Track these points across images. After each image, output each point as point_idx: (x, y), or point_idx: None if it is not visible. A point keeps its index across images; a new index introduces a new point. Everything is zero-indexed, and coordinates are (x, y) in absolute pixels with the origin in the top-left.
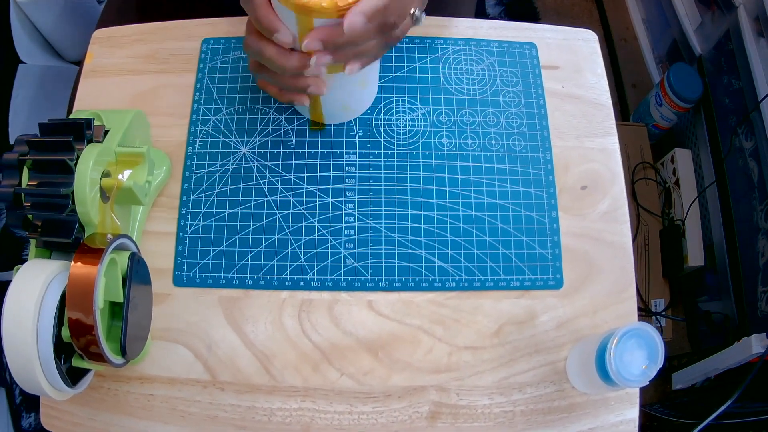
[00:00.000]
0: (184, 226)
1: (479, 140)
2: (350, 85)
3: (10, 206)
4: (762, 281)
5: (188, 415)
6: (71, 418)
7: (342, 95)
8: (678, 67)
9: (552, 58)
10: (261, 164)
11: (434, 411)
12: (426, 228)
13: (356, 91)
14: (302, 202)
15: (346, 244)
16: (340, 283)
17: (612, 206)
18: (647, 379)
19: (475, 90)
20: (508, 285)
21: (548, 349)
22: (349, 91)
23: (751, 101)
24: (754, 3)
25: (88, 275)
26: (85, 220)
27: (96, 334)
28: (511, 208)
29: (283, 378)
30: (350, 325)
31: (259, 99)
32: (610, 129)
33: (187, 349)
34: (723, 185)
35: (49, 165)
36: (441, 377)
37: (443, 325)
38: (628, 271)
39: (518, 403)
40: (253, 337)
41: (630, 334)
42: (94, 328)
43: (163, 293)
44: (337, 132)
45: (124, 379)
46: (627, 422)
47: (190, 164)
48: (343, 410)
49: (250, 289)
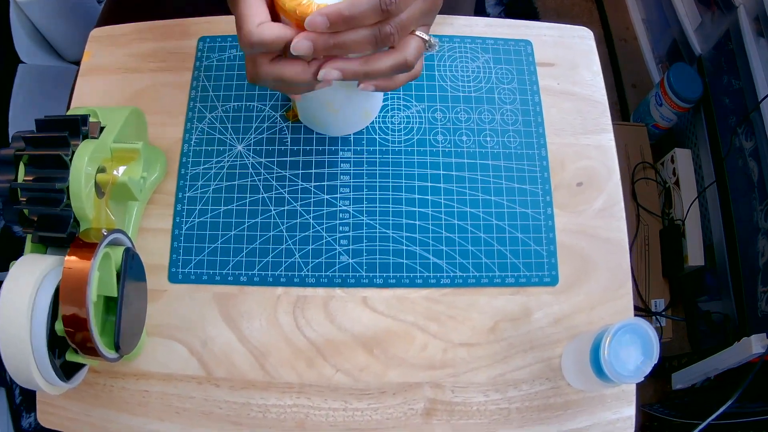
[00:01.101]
0: (179, 223)
1: (474, 137)
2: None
3: (7, 201)
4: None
5: (183, 411)
6: (67, 414)
7: (364, 102)
8: (678, 67)
9: (548, 56)
10: (256, 161)
11: (429, 408)
12: (420, 224)
13: (377, 95)
14: (297, 198)
15: (341, 240)
16: (335, 279)
17: (608, 203)
18: (642, 374)
19: (470, 87)
20: (503, 282)
21: (543, 346)
22: (369, 96)
23: (751, 101)
24: (754, 3)
25: (82, 269)
26: (80, 215)
27: (89, 328)
28: (506, 204)
29: (278, 374)
30: (345, 322)
31: (254, 96)
32: (606, 126)
33: (182, 345)
34: (723, 185)
35: (45, 160)
36: (436, 374)
37: (438, 321)
38: (624, 267)
39: (513, 400)
40: (248, 334)
41: (624, 330)
42: (88, 322)
43: (158, 290)
44: None
45: (119, 375)
46: (624, 419)
47: (185, 161)
48: (338, 407)
49: (245, 285)
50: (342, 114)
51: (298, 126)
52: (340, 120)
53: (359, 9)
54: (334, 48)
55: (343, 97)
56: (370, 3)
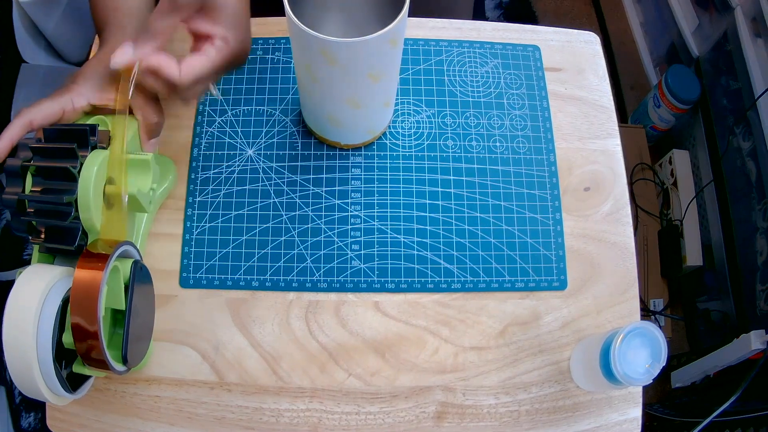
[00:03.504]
0: (190, 228)
1: (484, 142)
2: (376, 105)
3: (15, 212)
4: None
5: (195, 416)
6: (77, 420)
7: (367, 121)
8: (676, 68)
9: (554, 60)
10: (267, 166)
11: (440, 411)
12: (431, 229)
13: (381, 112)
14: (308, 203)
15: (353, 245)
16: (347, 284)
17: (614, 207)
18: (651, 377)
19: (479, 92)
20: (513, 286)
21: (552, 349)
22: (372, 113)
23: (749, 101)
24: (751, 4)
25: (93, 281)
26: (88, 227)
27: (99, 340)
28: (516, 209)
29: (291, 379)
30: (357, 326)
31: (264, 101)
32: (612, 131)
33: (193, 350)
34: (721, 185)
35: (53, 172)
36: (447, 377)
37: (449, 325)
38: (631, 271)
39: (523, 403)
40: (260, 339)
41: (634, 333)
42: (98, 334)
43: (169, 295)
44: None
45: (130, 380)
46: (630, 421)
47: (195, 165)
48: (351, 411)
49: (256, 290)
50: (362, 112)
51: (308, 131)
52: (360, 119)
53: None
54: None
55: (364, 91)
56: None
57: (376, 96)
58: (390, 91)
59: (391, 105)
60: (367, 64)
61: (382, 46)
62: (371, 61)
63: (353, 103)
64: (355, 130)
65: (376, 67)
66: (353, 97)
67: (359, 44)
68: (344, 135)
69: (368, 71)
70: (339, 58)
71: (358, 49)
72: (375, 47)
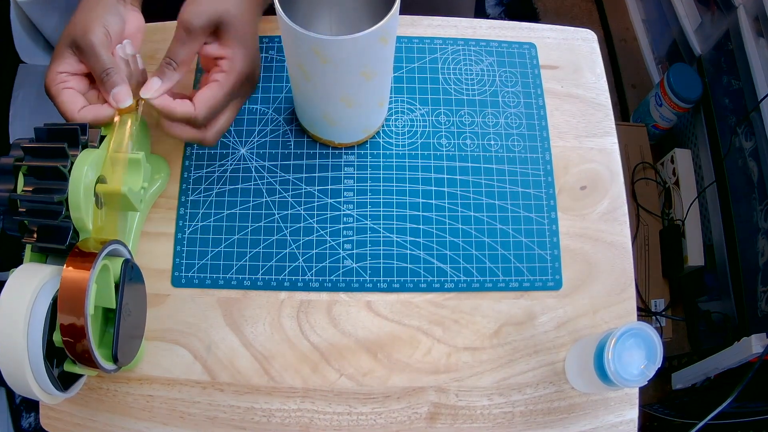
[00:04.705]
0: (182, 227)
1: (478, 140)
2: (370, 104)
3: (7, 211)
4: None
5: (188, 416)
6: (71, 419)
7: (361, 119)
8: (678, 67)
9: (551, 58)
10: (259, 164)
11: (433, 412)
12: (425, 228)
13: (375, 111)
14: (301, 202)
15: (345, 244)
16: (339, 283)
17: (611, 206)
18: (646, 379)
19: (474, 90)
20: (507, 286)
21: (547, 350)
22: (366, 111)
23: (751, 101)
24: (753, 3)
25: (80, 280)
26: (79, 226)
27: (87, 339)
28: (510, 208)
29: (283, 379)
30: (349, 326)
31: (257, 99)
32: (609, 129)
33: (186, 350)
34: (723, 185)
35: (44, 171)
36: (440, 378)
37: (442, 325)
38: (628, 271)
39: (517, 404)
40: (252, 338)
41: (628, 334)
42: (85, 333)
43: (161, 294)
44: None
45: (123, 380)
46: (627, 422)
47: (188, 164)
48: (342, 411)
49: (248, 289)
50: (356, 111)
51: (301, 129)
52: (353, 117)
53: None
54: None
55: (357, 89)
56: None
57: (369, 94)
58: (383, 89)
59: (385, 103)
60: (359, 62)
61: (373, 44)
62: (363, 59)
63: (347, 102)
64: (349, 128)
65: (369, 64)
66: (347, 95)
67: (350, 42)
68: (338, 134)
69: (361, 69)
70: (331, 56)
71: (349, 47)
72: (366, 44)
